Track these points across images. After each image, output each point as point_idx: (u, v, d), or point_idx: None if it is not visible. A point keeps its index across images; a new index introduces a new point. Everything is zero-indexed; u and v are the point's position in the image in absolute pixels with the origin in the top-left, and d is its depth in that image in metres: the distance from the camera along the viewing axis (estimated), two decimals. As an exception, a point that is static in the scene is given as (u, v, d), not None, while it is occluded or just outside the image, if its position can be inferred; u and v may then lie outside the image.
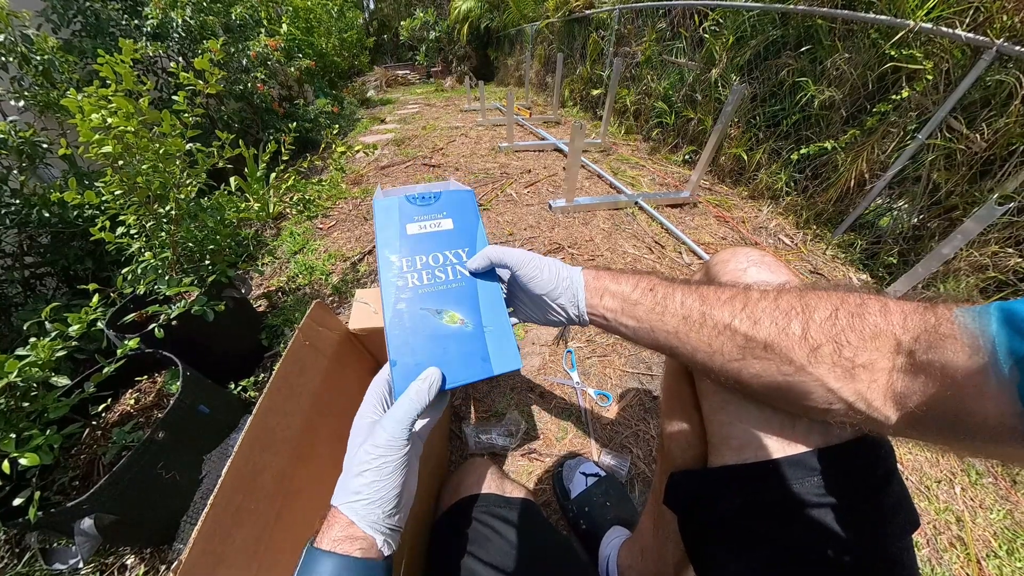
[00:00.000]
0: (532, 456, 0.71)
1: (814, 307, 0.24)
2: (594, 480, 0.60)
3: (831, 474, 0.25)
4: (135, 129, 0.75)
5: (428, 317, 0.34)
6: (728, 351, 0.26)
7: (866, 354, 0.22)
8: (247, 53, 2.19)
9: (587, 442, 0.74)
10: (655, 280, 0.31)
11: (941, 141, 1.26)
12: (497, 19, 5.20)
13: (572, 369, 0.88)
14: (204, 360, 0.82)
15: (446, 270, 0.37)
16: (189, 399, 0.71)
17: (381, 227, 0.39)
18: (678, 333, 0.28)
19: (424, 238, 0.39)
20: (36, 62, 1.16)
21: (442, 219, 0.41)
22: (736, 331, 0.25)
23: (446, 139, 2.63)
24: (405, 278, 0.36)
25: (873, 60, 1.40)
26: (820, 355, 0.23)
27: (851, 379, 0.22)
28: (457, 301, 0.36)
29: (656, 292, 0.30)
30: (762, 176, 1.74)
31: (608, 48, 2.86)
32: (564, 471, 0.64)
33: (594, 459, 0.70)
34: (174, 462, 0.66)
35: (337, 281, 1.24)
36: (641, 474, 0.69)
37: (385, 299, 0.35)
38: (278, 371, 0.52)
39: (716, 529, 0.29)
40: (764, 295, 0.26)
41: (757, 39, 1.76)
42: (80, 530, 0.56)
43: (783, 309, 0.25)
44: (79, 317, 0.66)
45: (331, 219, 1.63)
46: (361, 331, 0.69)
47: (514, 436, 0.70)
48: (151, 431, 0.64)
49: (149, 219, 0.87)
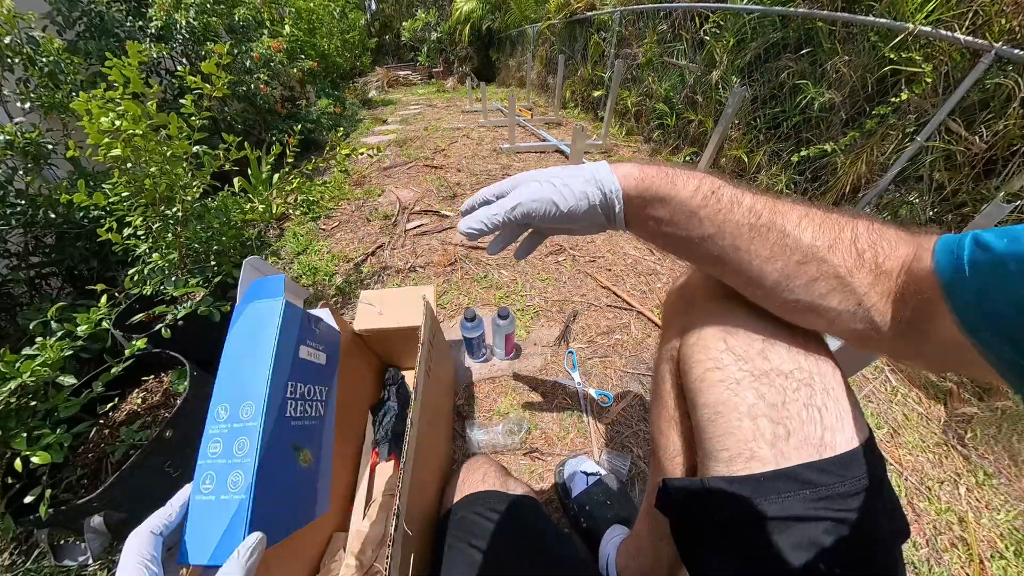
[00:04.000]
0: (534, 455, 0.72)
1: (855, 218, 0.26)
2: (595, 479, 0.61)
3: (822, 487, 0.25)
4: (143, 132, 0.76)
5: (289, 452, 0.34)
6: (789, 255, 0.26)
7: (890, 261, 0.24)
8: (250, 55, 2.20)
9: (588, 441, 0.74)
10: (717, 181, 0.29)
11: (940, 143, 1.27)
12: (499, 20, 5.21)
13: (573, 369, 0.89)
14: (208, 361, 0.83)
15: (314, 405, 0.37)
16: (197, 398, 0.72)
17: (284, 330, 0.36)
18: (741, 240, 0.27)
19: (308, 366, 0.38)
20: (42, 64, 1.17)
21: (320, 351, 0.40)
22: (800, 238, 0.26)
23: (448, 140, 2.63)
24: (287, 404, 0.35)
25: (873, 63, 1.41)
26: (863, 260, 0.25)
27: (878, 283, 0.25)
28: (310, 439, 0.36)
29: (721, 197, 0.28)
30: (763, 178, 1.75)
31: (609, 50, 2.87)
32: (565, 470, 0.65)
33: (595, 458, 0.70)
34: (181, 460, 0.67)
35: (341, 282, 1.25)
36: (641, 473, 0.70)
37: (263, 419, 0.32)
38: None
39: (707, 537, 0.29)
40: (815, 207, 0.27)
41: (757, 41, 1.77)
42: (90, 527, 0.57)
43: (837, 221, 0.26)
44: (87, 317, 0.67)
45: (334, 220, 1.64)
46: (366, 332, 0.70)
47: (516, 435, 0.71)
48: (159, 430, 0.65)
49: (156, 220, 0.88)
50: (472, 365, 0.91)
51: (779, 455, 0.26)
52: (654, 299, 1.14)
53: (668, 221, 0.29)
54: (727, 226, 0.27)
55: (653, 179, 0.29)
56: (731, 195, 0.28)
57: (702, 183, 0.28)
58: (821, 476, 0.25)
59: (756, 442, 0.26)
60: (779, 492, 0.25)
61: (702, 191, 0.28)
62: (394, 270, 1.29)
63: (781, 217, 0.27)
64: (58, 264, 1.15)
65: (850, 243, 0.25)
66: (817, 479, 0.25)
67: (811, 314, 0.27)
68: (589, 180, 0.30)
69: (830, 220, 0.26)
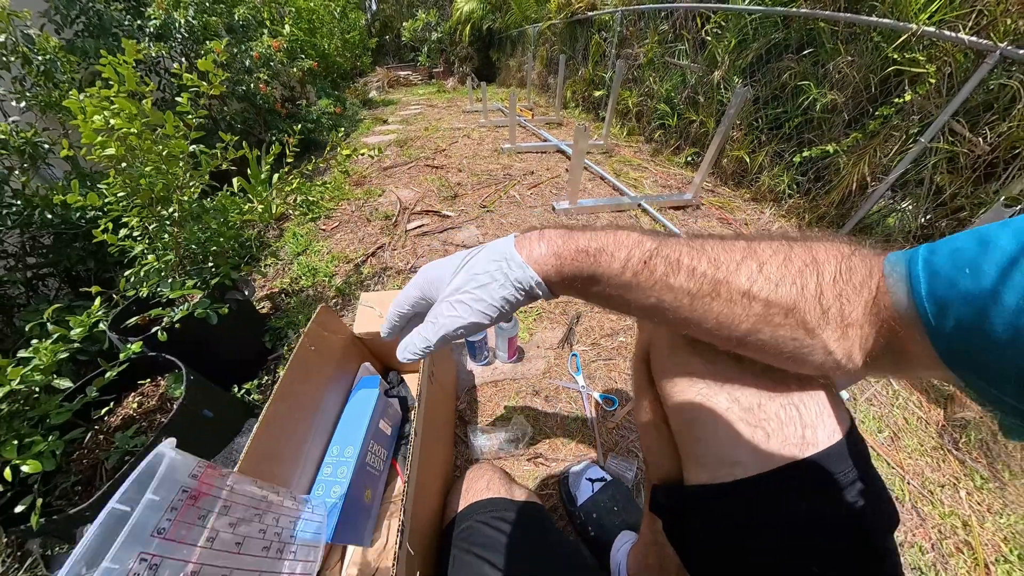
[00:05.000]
0: (538, 461, 0.70)
1: (823, 261, 0.23)
2: (600, 485, 0.60)
3: (807, 487, 0.24)
4: (138, 131, 0.75)
5: (363, 486, 0.52)
6: (743, 318, 0.23)
7: (856, 311, 0.22)
8: (250, 54, 2.19)
9: (593, 446, 0.73)
10: (645, 244, 0.25)
11: (944, 144, 1.26)
12: (499, 20, 5.21)
13: (577, 373, 0.87)
14: (207, 363, 0.81)
15: (378, 461, 0.59)
16: (193, 403, 0.71)
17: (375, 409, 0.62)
18: (684, 308, 0.24)
19: (379, 433, 0.62)
20: (38, 63, 1.15)
21: (389, 425, 0.65)
22: (754, 297, 0.23)
23: (448, 140, 2.63)
24: (367, 454, 0.57)
25: (876, 63, 1.40)
26: (829, 316, 0.22)
27: (845, 338, 0.22)
28: (373, 483, 0.56)
29: (655, 267, 0.24)
30: (764, 178, 1.74)
31: (610, 50, 2.86)
32: (570, 477, 0.64)
33: (600, 463, 0.69)
34: None
35: (340, 283, 1.23)
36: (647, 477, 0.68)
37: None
38: (284, 379, 0.52)
39: (700, 539, 0.28)
40: (775, 249, 0.24)
41: (759, 42, 1.76)
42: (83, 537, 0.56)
43: (799, 268, 0.23)
44: (81, 320, 0.65)
45: (334, 220, 1.63)
46: (366, 335, 0.69)
47: (520, 441, 0.69)
48: (154, 436, 0.63)
49: (152, 221, 0.86)
50: (474, 368, 0.90)
51: (762, 458, 0.25)
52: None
53: (600, 295, 0.26)
54: (666, 295, 0.24)
55: (573, 261, 0.25)
56: (666, 263, 0.24)
57: (631, 254, 0.25)
58: (807, 475, 0.24)
59: (736, 448, 0.26)
60: (765, 496, 0.25)
61: (632, 265, 0.24)
62: (395, 271, 1.27)
63: (728, 272, 0.23)
64: (55, 265, 1.13)
65: (815, 300, 0.22)
66: (803, 479, 0.24)
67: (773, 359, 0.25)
68: (503, 284, 0.26)
69: (789, 267, 0.23)
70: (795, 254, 0.23)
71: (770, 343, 0.24)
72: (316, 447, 0.57)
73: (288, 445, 0.51)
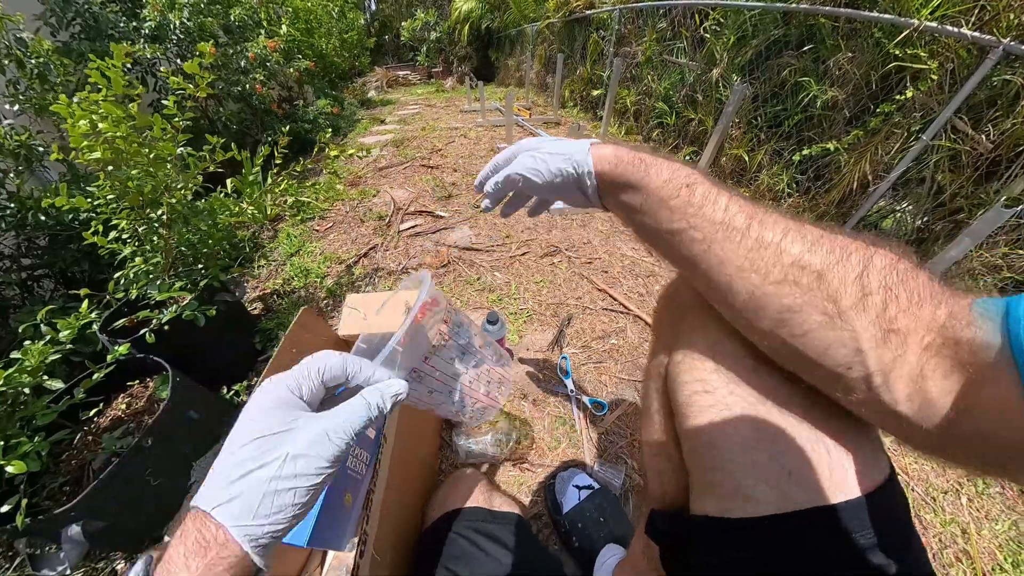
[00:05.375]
0: (523, 467, 0.69)
1: (875, 252, 0.20)
2: (587, 493, 0.59)
3: (833, 539, 0.21)
4: (125, 134, 0.75)
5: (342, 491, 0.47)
6: (767, 270, 0.22)
7: (907, 319, 0.18)
8: (245, 55, 2.19)
9: (581, 452, 0.72)
10: (695, 175, 0.26)
11: (946, 142, 1.24)
12: (498, 20, 5.19)
13: (567, 376, 0.87)
14: (196, 364, 0.82)
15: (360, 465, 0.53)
16: (178, 405, 0.71)
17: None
18: (710, 241, 0.24)
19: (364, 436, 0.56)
20: (31, 66, 1.16)
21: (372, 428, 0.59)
22: (784, 251, 0.21)
23: (445, 140, 2.62)
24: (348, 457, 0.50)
25: (877, 59, 1.37)
26: (868, 304, 0.19)
27: (884, 345, 0.19)
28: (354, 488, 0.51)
29: (694, 191, 0.25)
30: (764, 177, 1.72)
31: (608, 48, 2.84)
32: (556, 483, 0.63)
33: (588, 470, 0.68)
34: (163, 468, 0.66)
35: (332, 284, 1.23)
36: (637, 486, 0.67)
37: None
38: (263, 378, 0.51)
39: (702, 572, 0.26)
40: (822, 229, 0.22)
41: (758, 39, 1.74)
42: (67, 537, 0.56)
43: (842, 244, 0.21)
44: (69, 323, 0.65)
45: (328, 221, 1.63)
46: (351, 337, 0.68)
47: (505, 446, 0.69)
48: (138, 438, 0.64)
49: (141, 224, 0.87)
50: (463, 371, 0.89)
51: (780, 497, 0.22)
52: (652, 302, 1.11)
53: (639, 209, 0.28)
54: (697, 221, 0.24)
55: (627, 165, 0.28)
56: (705, 191, 0.25)
57: (675, 174, 0.26)
58: (829, 524, 0.21)
59: (753, 481, 0.23)
60: (780, 541, 0.22)
61: (674, 182, 0.26)
62: (386, 272, 1.27)
63: (760, 224, 0.23)
64: (50, 266, 1.14)
65: (855, 276, 0.20)
66: (824, 527, 0.21)
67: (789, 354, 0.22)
68: (568, 158, 0.31)
69: (832, 240, 0.21)
70: (841, 237, 0.22)
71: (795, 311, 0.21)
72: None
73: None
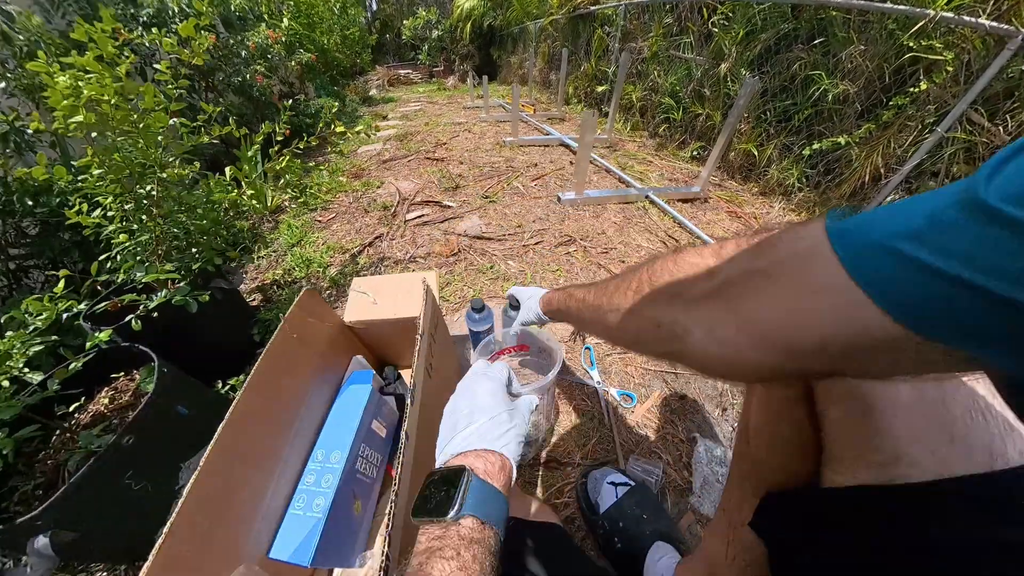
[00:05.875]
0: (551, 466, 0.64)
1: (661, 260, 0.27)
2: (625, 490, 0.53)
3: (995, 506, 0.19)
4: (110, 98, 0.68)
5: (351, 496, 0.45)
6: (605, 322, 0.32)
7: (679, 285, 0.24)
8: (246, 44, 2.15)
9: (612, 448, 0.67)
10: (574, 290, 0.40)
11: (961, 134, 1.22)
12: (500, 17, 5.18)
13: (592, 367, 0.82)
14: (189, 356, 0.75)
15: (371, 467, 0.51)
16: (165, 399, 0.64)
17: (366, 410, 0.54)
18: (584, 323, 0.38)
19: (372, 435, 0.54)
20: (20, 42, 1.11)
21: (384, 426, 0.57)
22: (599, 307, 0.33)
23: (449, 134, 2.58)
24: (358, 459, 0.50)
25: (890, 52, 1.36)
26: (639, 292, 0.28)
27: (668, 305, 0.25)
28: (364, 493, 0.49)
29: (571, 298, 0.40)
30: (773, 172, 1.70)
31: (614, 44, 2.83)
32: (589, 483, 0.57)
33: (621, 467, 0.63)
34: (147, 471, 0.59)
35: (335, 273, 1.18)
36: (672, 482, 0.62)
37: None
38: (259, 367, 0.47)
39: (844, 553, 0.22)
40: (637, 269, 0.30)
41: (768, 32, 1.72)
42: (33, 549, 0.49)
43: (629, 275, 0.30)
44: (44, 306, 0.59)
45: (331, 212, 1.58)
46: (358, 324, 0.64)
47: (531, 445, 0.64)
48: (117, 436, 0.57)
49: (128, 200, 0.80)
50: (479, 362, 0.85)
51: (940, 463, 0.21)
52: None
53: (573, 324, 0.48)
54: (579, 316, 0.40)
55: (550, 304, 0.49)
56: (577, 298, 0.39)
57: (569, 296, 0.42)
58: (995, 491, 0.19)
59: (915, 444, 0.21)
60: (945, 508, 0.20)
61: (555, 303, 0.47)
62: (392, 260, 1.23)
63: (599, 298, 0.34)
64: (40, 256, 1.08)
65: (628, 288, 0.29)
66: (990, 495, 0.19)
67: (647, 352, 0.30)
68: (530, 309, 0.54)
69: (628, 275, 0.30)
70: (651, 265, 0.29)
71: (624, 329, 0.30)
72: (297, 451, 0.50)
73: (262, 447, 0.45)
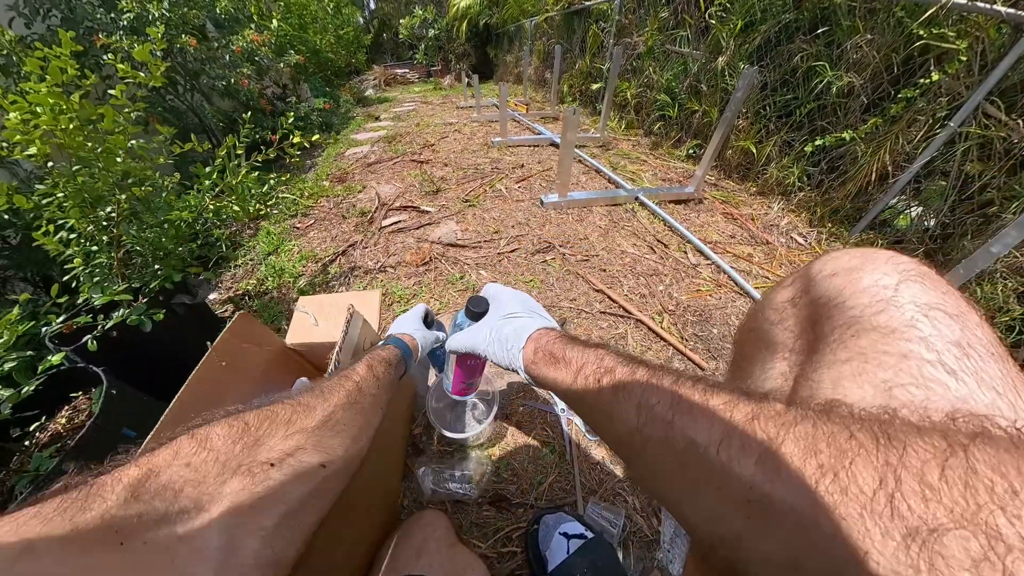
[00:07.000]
0: (501, 506, 0.58)
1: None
2: (578, 544, 0.48)
3: None
4: (65, 126, 0.67)
5: None
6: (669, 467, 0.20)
7: None
8: (231, 48, 2.12)
9: (572, 488, 0.61)
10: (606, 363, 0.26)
11: (976, 129, 1.13)
12: (496, 16, 5.11)
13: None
14: (150, 373, 0.73)
15: None
16: (110, 422, 0.62)
17: None
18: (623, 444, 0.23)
19: None
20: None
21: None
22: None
23: (438, 135, 2.53)
24: None
25: (899, 41, 1.26)
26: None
27: None
28: None
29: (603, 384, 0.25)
30: (772, 170, 1.61)
31: (608, 40, 2.74)
32: (540, 530, 0.52)
33: (579, 510, 0.57)
34: None
35: (304, 284, 1.14)
36: (638, 531, 0.55)
37: None
38: (180, 397, 0.42)
39: None
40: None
41: (767, 24, 1.63)
42: None
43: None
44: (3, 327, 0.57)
45: (310, 218, 1.54)
46: (301, 346, 0.59)
47: (479, 481, 0.58)
48: (58, 460, 0.55)
49: (87, 223, 0.79)
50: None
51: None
52: (655, 304, 1.01)
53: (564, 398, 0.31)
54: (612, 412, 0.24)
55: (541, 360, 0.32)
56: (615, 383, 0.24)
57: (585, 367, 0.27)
58: None
59: (933, 367, 0.20)
60: None
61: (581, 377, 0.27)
62: (363, 271, 1.18)
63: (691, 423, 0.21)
64: (20, 268, 1.07)
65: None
66: None
67: None
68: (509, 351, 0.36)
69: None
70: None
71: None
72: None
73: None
